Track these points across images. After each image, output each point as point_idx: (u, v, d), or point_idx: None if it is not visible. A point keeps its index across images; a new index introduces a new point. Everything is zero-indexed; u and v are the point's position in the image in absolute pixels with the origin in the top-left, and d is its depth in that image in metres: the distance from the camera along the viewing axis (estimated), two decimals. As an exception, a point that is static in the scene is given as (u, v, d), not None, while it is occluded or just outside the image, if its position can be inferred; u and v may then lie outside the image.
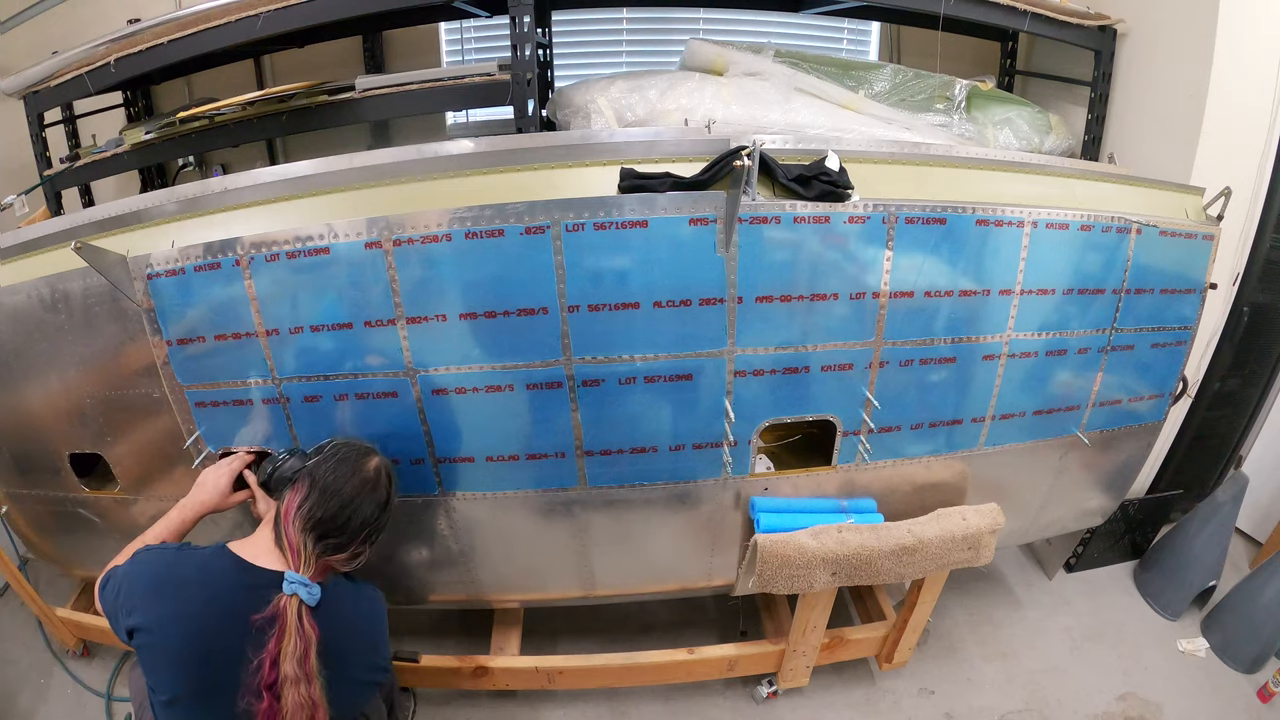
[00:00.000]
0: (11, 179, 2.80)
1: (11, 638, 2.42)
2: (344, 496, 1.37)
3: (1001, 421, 1.94)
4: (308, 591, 1.25)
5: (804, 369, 1.73)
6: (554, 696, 2.27)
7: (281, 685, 1.14)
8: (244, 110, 2.58)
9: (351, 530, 1.37)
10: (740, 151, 1.51)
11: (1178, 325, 2.04)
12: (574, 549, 1.94)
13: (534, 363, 1.64)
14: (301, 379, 1.65)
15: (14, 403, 1.81)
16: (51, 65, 2.36)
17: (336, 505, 1.35)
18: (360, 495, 1.39)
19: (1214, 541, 2.54)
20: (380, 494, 1.44)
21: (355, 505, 1.38)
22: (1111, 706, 2.29)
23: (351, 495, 1.38)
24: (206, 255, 1.55)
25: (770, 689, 2.23)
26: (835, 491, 1.93)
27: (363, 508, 1.39)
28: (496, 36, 3.15)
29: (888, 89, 2.50)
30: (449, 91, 2.46)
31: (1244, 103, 2.26)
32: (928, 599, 2.05)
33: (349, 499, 1.37)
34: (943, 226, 1.67)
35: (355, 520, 1.37)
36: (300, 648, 1.18)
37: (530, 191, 1.54)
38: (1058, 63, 2.89)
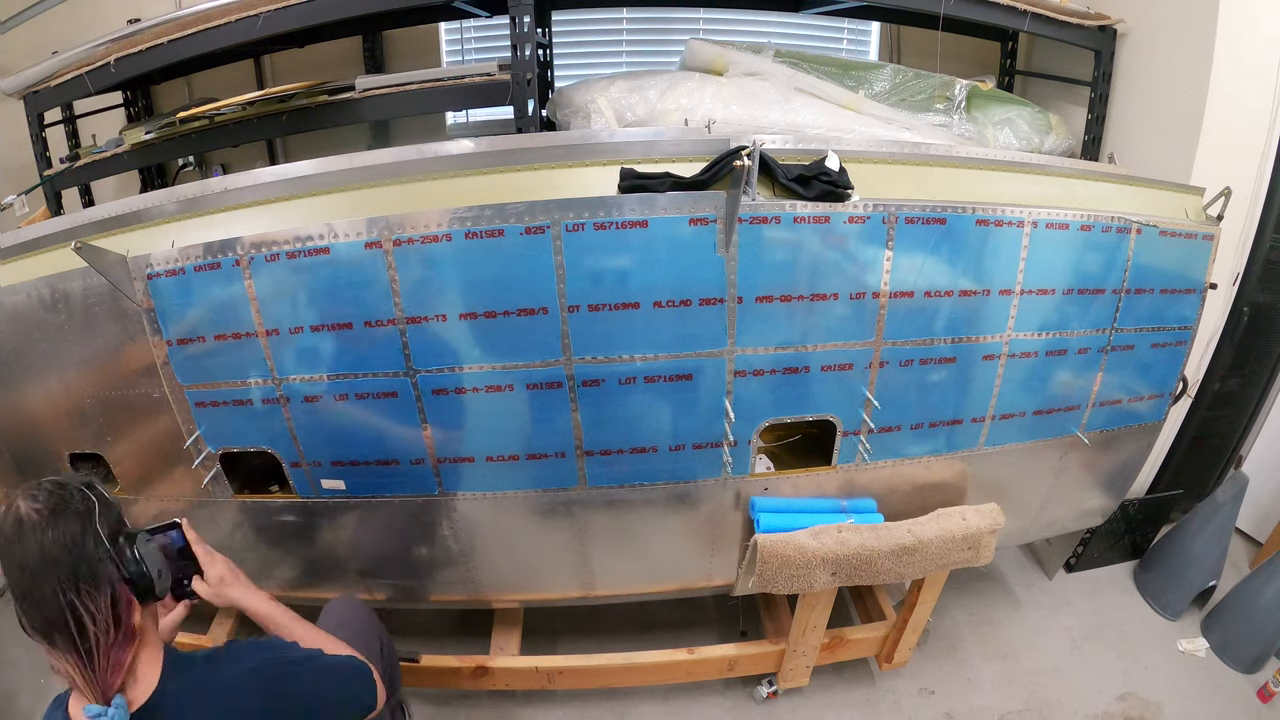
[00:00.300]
0: (11, 179, 2.80)
1: (11, 638, 2.42)
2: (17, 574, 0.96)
3: (1001, 421, 1.94)
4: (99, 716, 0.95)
5: (804, 369, 1.73)
6: (554, 696, 2.27)
7: None
8: (244, 110, 2.58)
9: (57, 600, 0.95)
10: (740, 151, 1.51)
11: (1178, 325, 2.04)
12: (574, 549, 1.94)
13: (534, 363, 1.64)
14: (301, 379, 1.65)
15: (14, 403, 1.81)
16: (51, 65, 2.36)
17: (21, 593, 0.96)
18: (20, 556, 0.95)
19: (1214, 541, 2.54)
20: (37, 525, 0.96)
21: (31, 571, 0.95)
22: (1111, 706, 2.29)
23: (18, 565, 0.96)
24: (206, 255, 1.55)
25: (770, 689, 2.23)
26: (835, 491, 1.93)
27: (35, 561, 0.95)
28: (496, 36, 3.15)
29: (888, 89, 2.50)
30: (449, 91, 2.46)
31: (1244, 103, 2.26)
32: (928, 599, 2.05)
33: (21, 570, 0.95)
34: (943, 226, 1.67)
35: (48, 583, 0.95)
36: None
37: (530, 191, 1.54)
38: (1058, 63, 2.89)
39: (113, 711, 0.95)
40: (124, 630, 1.00)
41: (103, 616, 0.97)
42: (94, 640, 0.96)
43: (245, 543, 1.90)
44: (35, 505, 0.98)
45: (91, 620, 0.96)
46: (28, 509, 0.97)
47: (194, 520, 1.87)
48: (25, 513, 0.97)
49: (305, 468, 1.76)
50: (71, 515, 0.99)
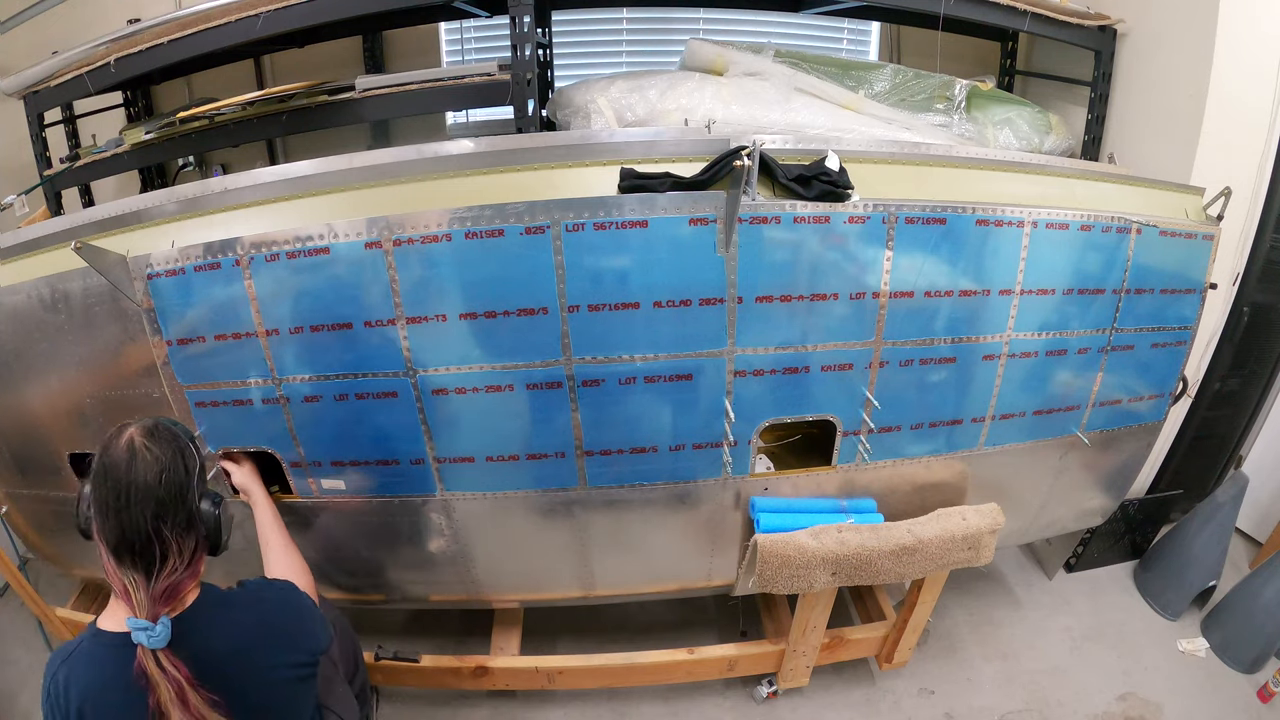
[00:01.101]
0: (11, 179, 2.80)
1: (11, 638, 2.42)
2: (114, 494, 1.11)
3: (1001, 421, 1.94)
4: (148, 635, 1.07)
5: (804, 369, 1.73)
6: (554, 696, 2.27)
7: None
8: (244, 110, 2.58)
9: (146, 527, 1.10)
10: (740, 151, 1.51)
11: (1178, 325, 2.04)
12: (574, 549, 1.94)
13: (534, 363, 1.64)
14: (301, 379, 1.65)
15: (14, 402, 1.81)
16: (51, 65, 2.36)
17: (114, 510, 1.10)
18: (127, 480, 1.11)
19: (1214, 541, 2.54)
20: (146, 461, 1.13)
21: (129, 495, 1.10)
22: (1111, 706, 2.29)
23: (119, 486, 1.11)
24: (206, 255, 1.55)
25: (770, 689, 2.23)
26: (835, 491, 1.93)
27: (135, 492, 1.10)
28: (496, 36, 3.15)
29: (888, 89, 2.50)
30: (449, 91, 2.46)
31: (1244, 103, 2.26)
32: (928, 599, 2.05)
33: (119, 493, 1.11)
34: (943, 226, 1.67)
35: (143, 510, 1.10)
36: (173, 691, 1.06)
37: (530, 191, 1.54)
38: (1058, 63, 2.89)
39: (158, 629, 1.08)
40: (190, 570, 1.17)
41: (185, 554, 1.14)
42: (169, 570, 1.11)
43: (245, 542, 1.89)
44: (150, 444, 1.15)
45: (176, 553, 1.12)
46: (142, 443, 1.15)
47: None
48: (140, 445, 1.14)
49: (305, 468, 1.76)
50: (181, 464, 1.17)
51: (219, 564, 2.03)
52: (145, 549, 1.10)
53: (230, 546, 1.79)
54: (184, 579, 1.15)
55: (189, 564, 1.15)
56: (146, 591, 1.10)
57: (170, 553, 1.11)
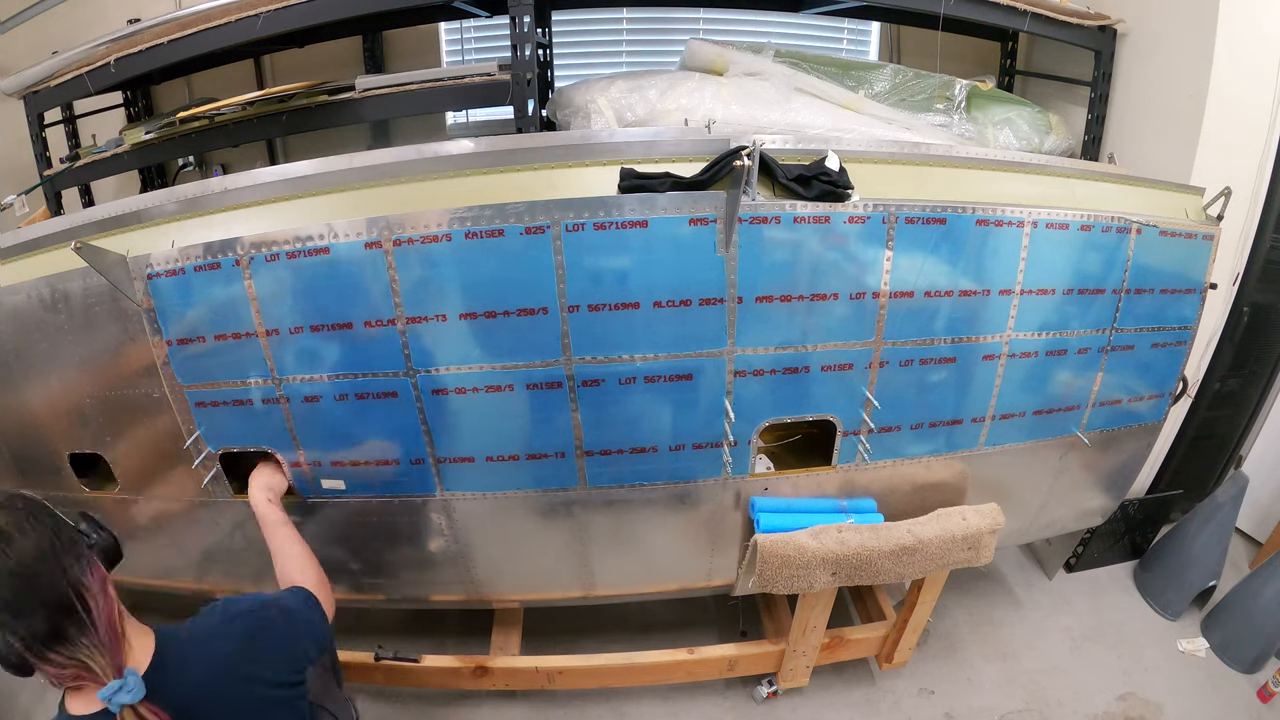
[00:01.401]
0: (11, 179, 2.80)
1: (11, 638, 2.42)
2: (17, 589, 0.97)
3: (1001, 421, 1.94)
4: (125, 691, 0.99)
5: (804, 369, 1.73)
6: (554, 696, 2.27)
7: None
8: (244, 110, 2.58)
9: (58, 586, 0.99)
10: (740, 151, 1.51)
11: (1178, 325, 2.03)
12: (574, 549, 1.94)
13: (534, 363, 1.64)
14: (301, 379, 1.65)
15: (14, 403, 1.81)
16: (51, 65, 2.36)
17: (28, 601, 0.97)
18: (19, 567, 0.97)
19: (1214, 541, 2.54)
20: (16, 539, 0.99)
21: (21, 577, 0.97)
22: (1111, 706, 2.29)
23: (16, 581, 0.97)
24: (206, 255, 1.55)
25: (770, 689, 2.23)
26: (835, 491, 1.93)
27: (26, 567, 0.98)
28: (496, 36, 3.15)
29: (888, 89, 2.50)
30: (449, 91, 2.46)
31: (1244, 103, 2.26)
32: (928, 599, 2.05)
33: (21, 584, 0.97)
34: (943, 226, 1.67)
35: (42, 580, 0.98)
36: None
37: (530, 191, 1.54)
38: (1058, 63, 2.89)
39: (129, 680, 0.99)
40: (108, 598, 1.06)
41: (99, 588, 1.04)
42: (98, 613, 1.01)
43: (245, 542, 1.90)
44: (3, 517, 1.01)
45: (91, 595, 1.01)
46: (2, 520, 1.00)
47: (194, 520, 1.89)
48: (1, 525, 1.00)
49: (305, 467, 1.76)
50: (33, 514, 1.04)
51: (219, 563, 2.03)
52: (74, 610, 0.99)
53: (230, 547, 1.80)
54: (112, 613, 1.04)
55: (102, 589, 1.05)
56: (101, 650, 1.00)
57: (86, 591, 1.01)
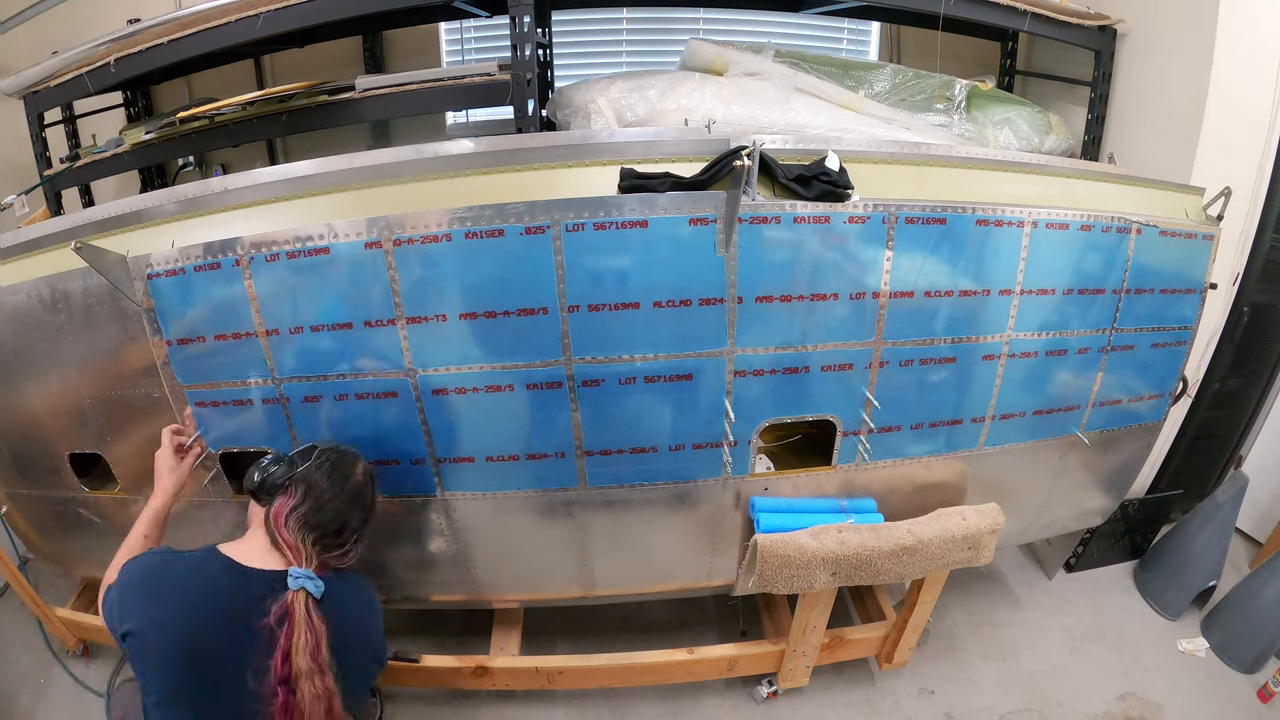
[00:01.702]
0: (11, 179, 2.80)
1: (11, 638, 2.42)
2: (337, 505, 1.42)
3: (1001, 421, 1.94)
4: (315, 585, 1.28)
5: (804, 369, 1.73)
6: (554, 696, 2.27)
7: (297, 679, 1.17)
8: (244, 110, 2.58)
9: (345, 534, 1.43)
10: (740, 151, 1.51)
11: (1178, 325, 2.03)
12: (574, 549, 1.94)
13: (534, 363, 1.64)
14: (301, 379, 1.65)
15: (14, 403, 1.81)
16: (51, 65, 2.36)
17: (330, 513, 1.40)
18: (352, 503, 1.45)
19: (1214, 541, 2.54)
20: (367, 499, 1.51)
21: (348, 513, 1.44)
22: (1111, 706, 2.29)
23: (345, 503, 1.44)
24: (206, 255, 1.55)
25: (770, 689, 2.23)
26: (835, 491, 1.93)
27: (354, 514, 1.45)
28: (496, 36, 3.15)
29: (888, 89, 2.50)
30: (449, 91, 2.46)
31: (1244, 103, 2.26)
32: (928, 599, 2.05)
33: (342, 507, 1.43)
34: (943, 226, 1.67)
35: (348, 526, 1.43)
36: (311, 641, 1.20)
37: (530, 191, 1.54)
38: (1058, 63, 2.89)
39: (321, 583, 1.31)
40: (343, 561, 1.44)
41: (351, 554, 1.45)
42: (338, 555, 1.41)
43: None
44: (372, 482, 1.55)
45: (345, 552, 1.43)
46: (368, 480, 1.53)
47: (194, 521, 1.89)
48: (367, 482, 1.53)
49: (305, 468, 1.76)
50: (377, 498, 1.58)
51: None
52: (335, 542, 1.40)
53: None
54: (334, 565, 1.41)
55: (344, 561, 1.43)
56: (315, 557, 1.34)
57: (343, 551, 1.42)
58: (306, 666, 1.18)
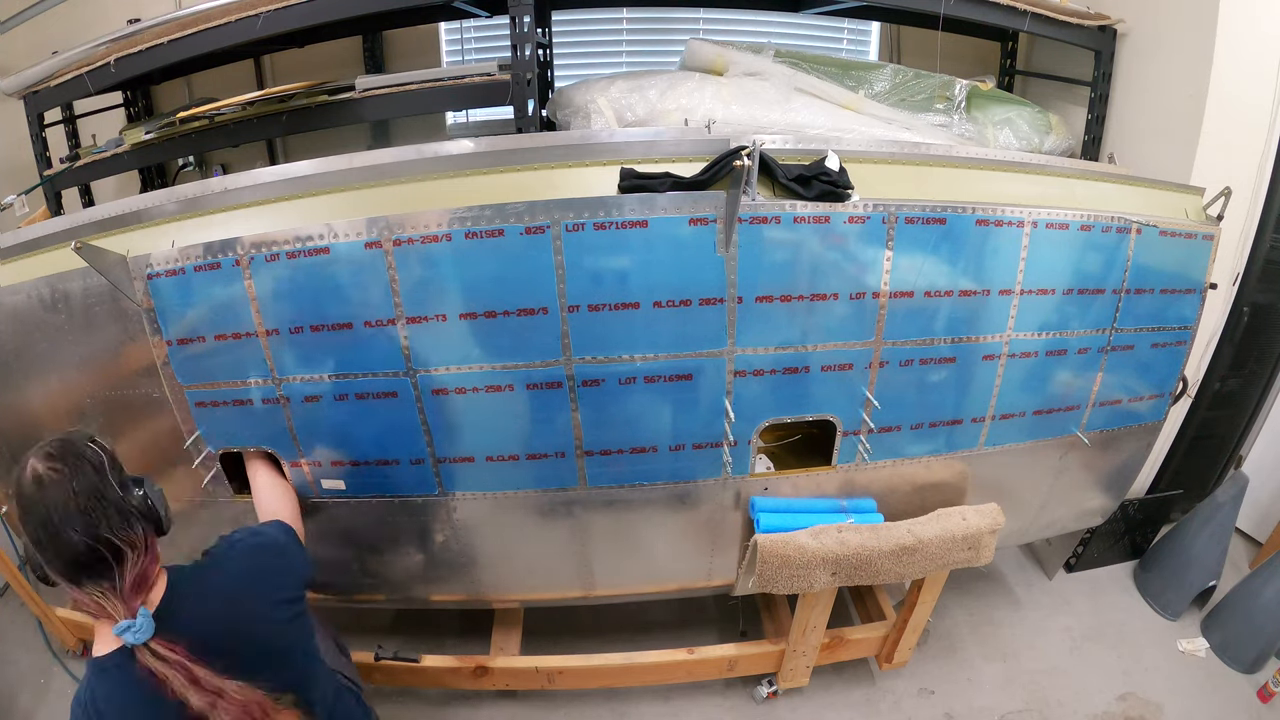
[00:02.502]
0: (11, 179, 2.80)
1: (11, 638, 2.42)
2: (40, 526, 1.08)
3: (1001, 421, 1.94)
4: (132, 632, 1.08)
5: (804, 369, 1.73)
6: (554, 696, 2.27)
7: (205, 715, 1.08)
8: (244, 110, 2.58)
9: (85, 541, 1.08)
10: (740, 151, 1.51)
11: (1178, 325, 2.03)
12: (574, 549, 1.94)
13: (534, 363, 1.64)
14: (301, 379, 1.65)
15: (14, 402, 1.81)
16: (51, 65, 2.36)
17: (49, 540, 1.08)
18: (44, 508, 1.08)
19: (1214, 541, 2.54)
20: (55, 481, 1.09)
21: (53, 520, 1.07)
22: (1112, 706, 2.29)
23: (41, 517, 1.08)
24: (206, 255, 1.55)
25: (770, 689, 2.23)
26: (835, 491, 1.93)
27: (57, 515, 1.08)
28: (496, 36, 3.15)
29: (888, 89, 2.50)
30: (449, 91, 2.46)
31: (1244, 103, 2.26)
32: (928, 599, 2.05)
33: (44, 522, 1.08)
34: (943, 226, 1.67)
35: (73, 527, 1.08)
36: (181, 676, 1.07)
37: (530, 191, 1.54)
38: (1058, 63, 2.89)
39: (140, 621, 1.09)
40: (150, 552, 1.16)
41: (138, 544, 1.13)
42: (129, 564, 1.11)
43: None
44: (53, 465, 1.10)
45: (129, 546, 1.12)
46: (46, 468, 1.10)
47: (194, 520, 1.89)
48: (44, 472, 1.09)
49: (305, 468, 1.76)
50: (89, 468, 1.13)
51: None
52: (95, 560, 1.09)
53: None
54: (149, 564, 1.15)
55: (146, 550, 1.15)
56: (117, 594, 1.10)
57: (123, 549, 1.11)
58: (200, 700, 1.07)
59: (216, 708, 1.08)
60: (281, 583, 1.31)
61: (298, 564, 1.38)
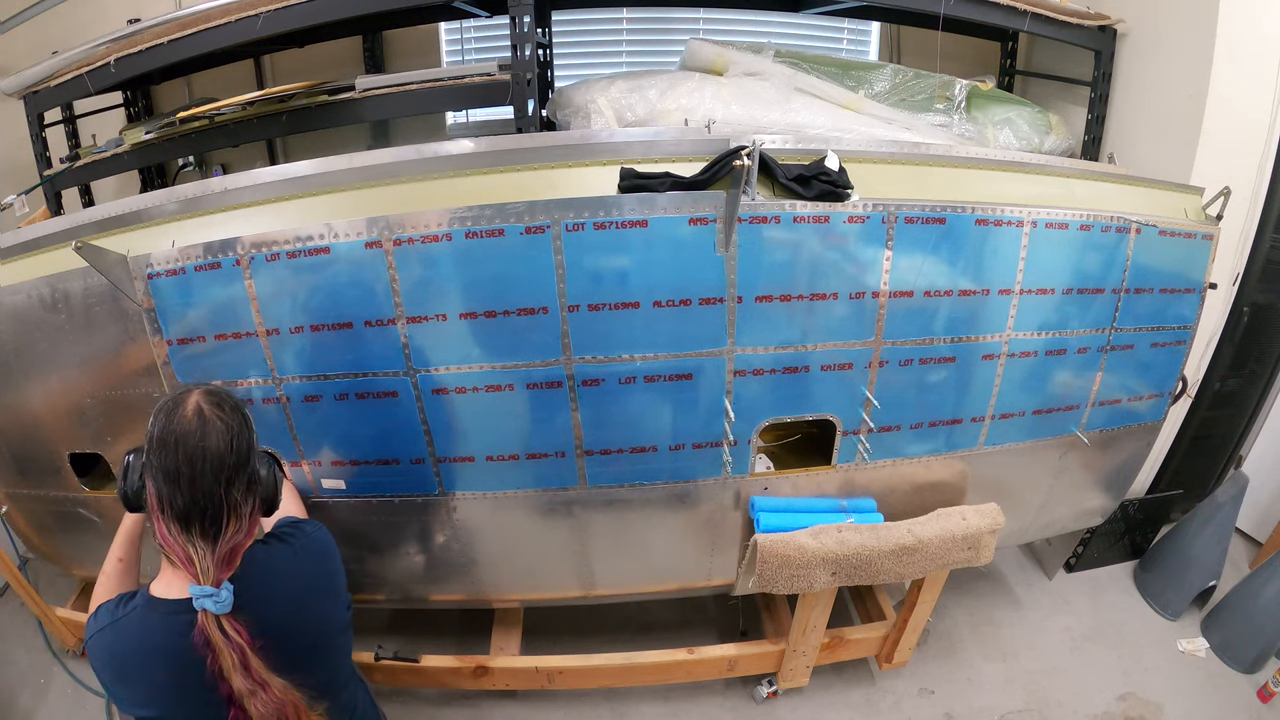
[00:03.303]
0: (11, 179, 2.80)
1: (11, 638, 2.42)
2: (187, 462, 1.09)
3: (1001, 421, 1.94)
4: (215, 601, 1.08)
5: (804, 369, 1.73)
6: (554, 696, 2.27)
7: (241, 700, 1.08)
8: (244, 110, 2.58)
9: (217, 492, 1.10)
10: (740, 151, 1.51)
11: (1177, 325, 2.04)
12: (574, 549, 1.94)
13: (534, 362, 1.64)
14: (301, 379, 1.65)
15: (14, 402, 1.81)
16: (51, 65, 2.36)
17: (186, 478, 1.09)
18: (197, 449, 1.09)
19: (1214, 541, 2.54)
20: (217, 428, 1.11)
21: (200, 463, 1.09)
22: (1111, 706, 2.29)
23: (189, 455, 1.09)
24: (206, 255, 1.55)
25: (770, 689, 2.23)
26: (835, 491, 1.93)
27: (208, 459, 1.10)
28: (496, 36, 3.15)
29: (888, 89, 2.50)
30: (449, 91, 2.46)
31: (1244, 103, 2.26)
32: (928, 599, 2.05)
33: (193, 460, 1.09)
34: (942, 226, 1.67)
35: (217, 477, 1.10)
36: (235, 658, 1.08)
37: (530, 191, 1.55)
38: (1058, 63, 2.89)
39: (224, 594, 1.08)
40: (250, 529, 1.17)
41: (246, 517, 1.14)
42: (232, 534, 1.11)
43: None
44: (219, 410, 1.12)
45: (240, 517, 1.12)
46: (212, 411, 1.11)
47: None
48: (210, 414, 1.11)
49: (305, 467, 1.76)
50: (246, 427, 1.15)
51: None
52: (215, 515, 1.10)
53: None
54: (244, 540, 1.16)
55: (249, 526, 1.16)
56: (212, 557, 1.10)
57: (236, 516, 1.12)
58: (244, 686, 1.08)
59: (255, 696, 1.08)
60: (338, 593, 1.30)
61: (344, 575, 1.36)
